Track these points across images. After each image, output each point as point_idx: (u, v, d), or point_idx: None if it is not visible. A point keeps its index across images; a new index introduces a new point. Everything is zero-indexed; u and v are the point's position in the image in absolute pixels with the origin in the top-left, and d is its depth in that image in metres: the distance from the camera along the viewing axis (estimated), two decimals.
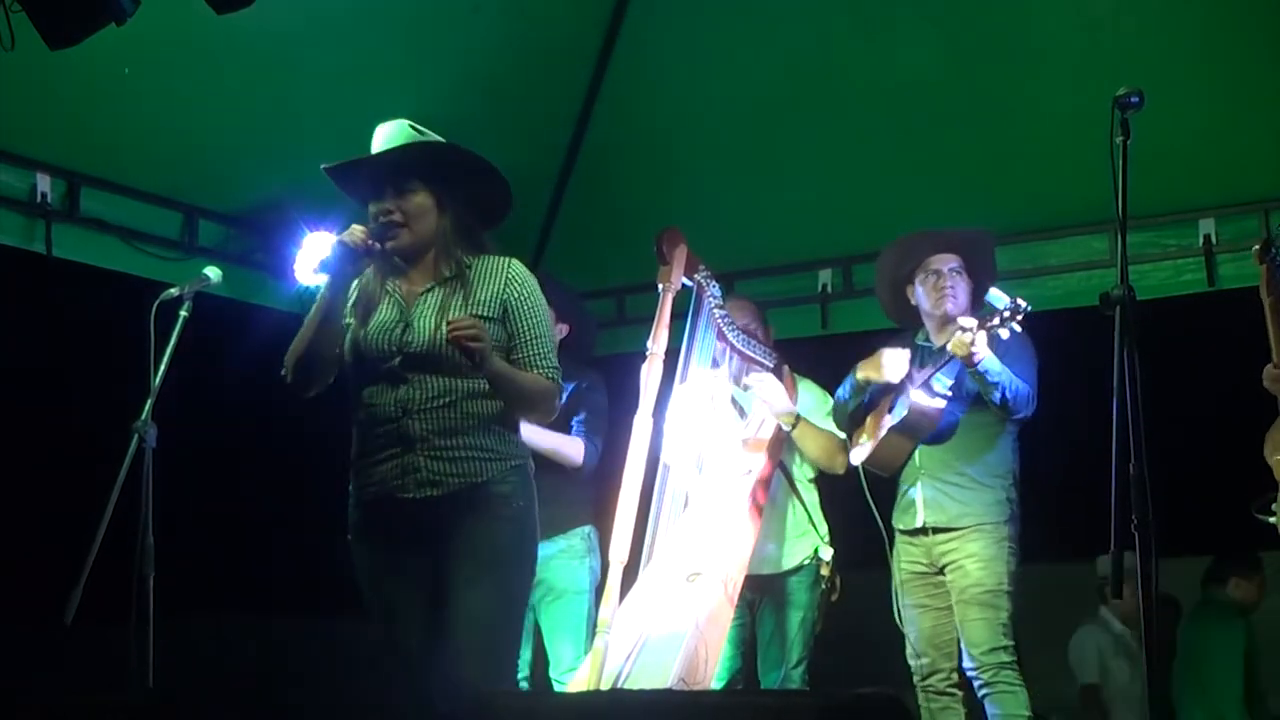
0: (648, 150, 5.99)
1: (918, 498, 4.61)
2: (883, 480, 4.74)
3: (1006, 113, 5.43)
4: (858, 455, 4.73)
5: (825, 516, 4.90)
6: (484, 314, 3.38)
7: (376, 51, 5.22)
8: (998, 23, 5.32)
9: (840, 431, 4.84)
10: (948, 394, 4.50)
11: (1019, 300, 4.28)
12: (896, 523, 4.71)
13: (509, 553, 3.35)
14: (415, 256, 3.46)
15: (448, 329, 3.25)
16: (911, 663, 4.64)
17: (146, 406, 3.90)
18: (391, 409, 3.35)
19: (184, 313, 4.00)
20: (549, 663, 4.84)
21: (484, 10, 5.39)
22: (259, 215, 5.39)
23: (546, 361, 3.45)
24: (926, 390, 4.51)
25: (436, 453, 3.33)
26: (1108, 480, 2.95)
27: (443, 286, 3.43)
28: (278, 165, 5.27)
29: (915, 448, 4.64)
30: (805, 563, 4.81)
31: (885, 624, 4.70)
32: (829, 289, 6.01)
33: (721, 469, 4.75)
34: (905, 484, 4.69)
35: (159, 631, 3.79)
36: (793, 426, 4.74)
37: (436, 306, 3.39)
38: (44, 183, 4.79)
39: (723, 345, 4.74)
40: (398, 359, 3.36)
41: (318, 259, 3.37)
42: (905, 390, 4.56)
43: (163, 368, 3.93)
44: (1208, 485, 5.40)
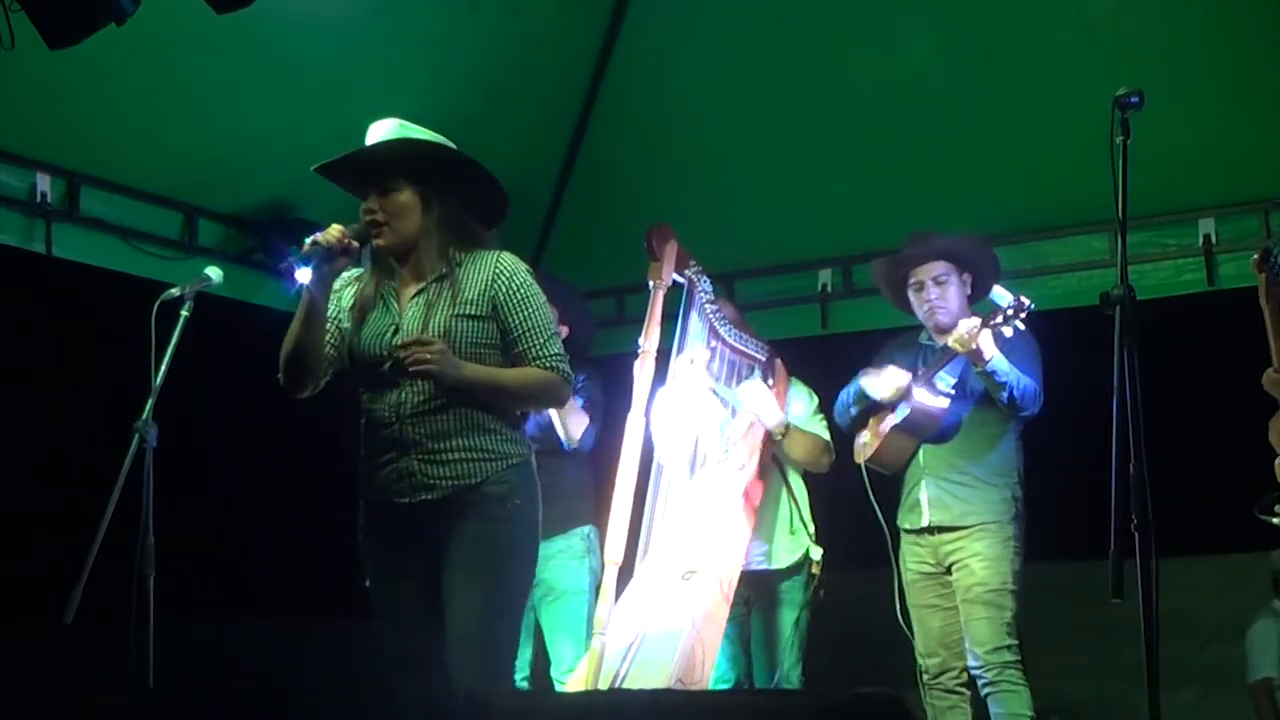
0: (648, 150, 5.99)
1: (923, 497, 4.62)
2: (885, 479, 4.74)
3: (1006, 113, 5.43)
4: (861, 454, 4.74)
5: (820, 515, 4.91)
6: (471, 313, 3.35)
7: (376, 51, 5.22)
8: (998, 23, 5.32)
9: (825, 432, 4.87)
10: (951, 392, 4.51)
11: (1022, 298, 4.29)
12: (902, 522, 4.71)
13: (504, 554, 3.32)
14: (405, 256, 3.42)
15: (399, 354, 3.24)
16: (921, 662, 4.64)
17: (147, 406, 3.89)
18: (386, 413, 3.34)
19: (185, 313, 3.99)
20: (549, 663, 4.84)
21: (483, 10, 5.39)
22: (259, 215, 5.39)
23: (546, 351, 3.40)
24: (930, 389, 4.52)
25: (429, 456, 3.31)
26: (1108, 480, 2.95)
27: (433, 287, 3.39)
28: (278, 165, 5.27)
29: (919, 446, 4.65)
30: (798, 561, 4.82)
31: (885, 624, 4.70)
32: (829, 289, 6.01)
33: (714, 465, 4.75)
34: (909, 483, 4.70)
35: (159, 631, 3.78)
36: (783, 436, 4.76)
37: (425, 309, 3.37)
38: (44, 182, 4.79)
39: (715, 340, 4.74)
40: (388, 363, 3.34)
41: (296, 258, 3.34)
42: (909, 389, 4.58)
43: (163, 368, 3.92)
44: (1208, 485, 5.40)
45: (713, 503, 4.67)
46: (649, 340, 4.42)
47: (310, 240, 3.31)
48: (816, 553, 4.82)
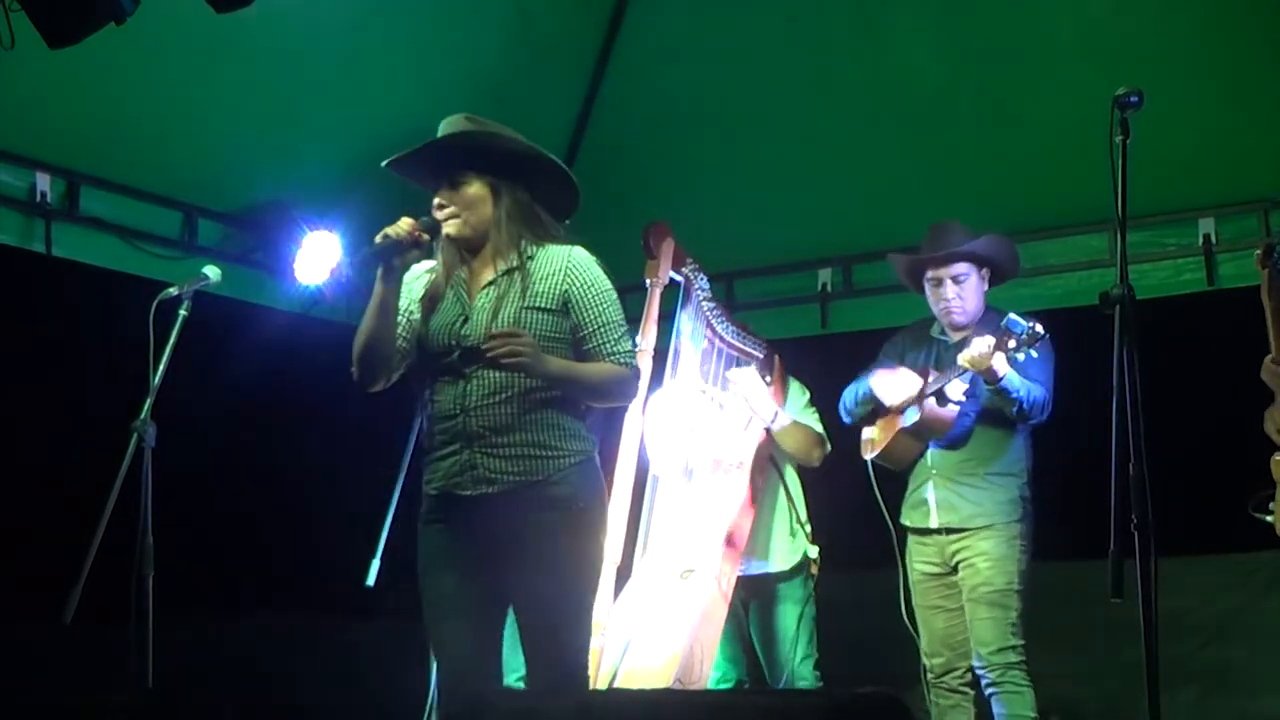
0: (647, 150, 5.99)
1: (930, 499, 4.62)
2: (890, 478, 4.74)
3: (1006, 113, 5.43)
4: (868, 450, 4.74)
5: (824, 513, 4.91)
6: (542, 305, 3.35)
7: (376, 51, 5.22)
8: (998, 23, 5.32)
9: (818, 425, 4.86)
10: (962, 399, 4.51)
11: (1037, 326, 4.28)
12: (906, 520, 4.72)
13: (564, 556, 3.29)
14: (476, 247, 3.43)
15: (484, 346, 3.24)
16: (926, 661, 4.64)
17: (146, 406, 3.89)
18: (452, 405, 3.33)
19: (183, 312, 4.00)
20: None
21: (483, 10, 5.39)
22: (259, 215, 5.38)
23: (619, 348, 3.38)
24: (940, 398, 4.51)
25: (493, 450, 3.29)
26: (1107, 480, 2.95)
27: (504, 279, 3.39)
28: (278, 165, 5.28)
29: (926, 447, 4.65)
30: (798, 563, 4.82)
31: (889, 623, 4.70)
32: (829, 288, 6.01)
33: (712, 465, 4.75)
34: (916, 482, 4.70)
35: (158, 631, 3.78)
36: (772, 420, 4.74)
37: (495, 300, 3.36)
38: (44, 182, 4.79)
39: (712, 337, 4.74)
40: (456, 354, 3.34)
41: (366, 251, 3.32)
42: (919, 396, 4.58)
43: (162, 367, 3.93)
44: (1208, 485, 5.38)
45: (711, 502, 4.66)
46: (646, 339, 4.43)
47: (381, 234, 3.31)
48: (814, 551, 4.82)
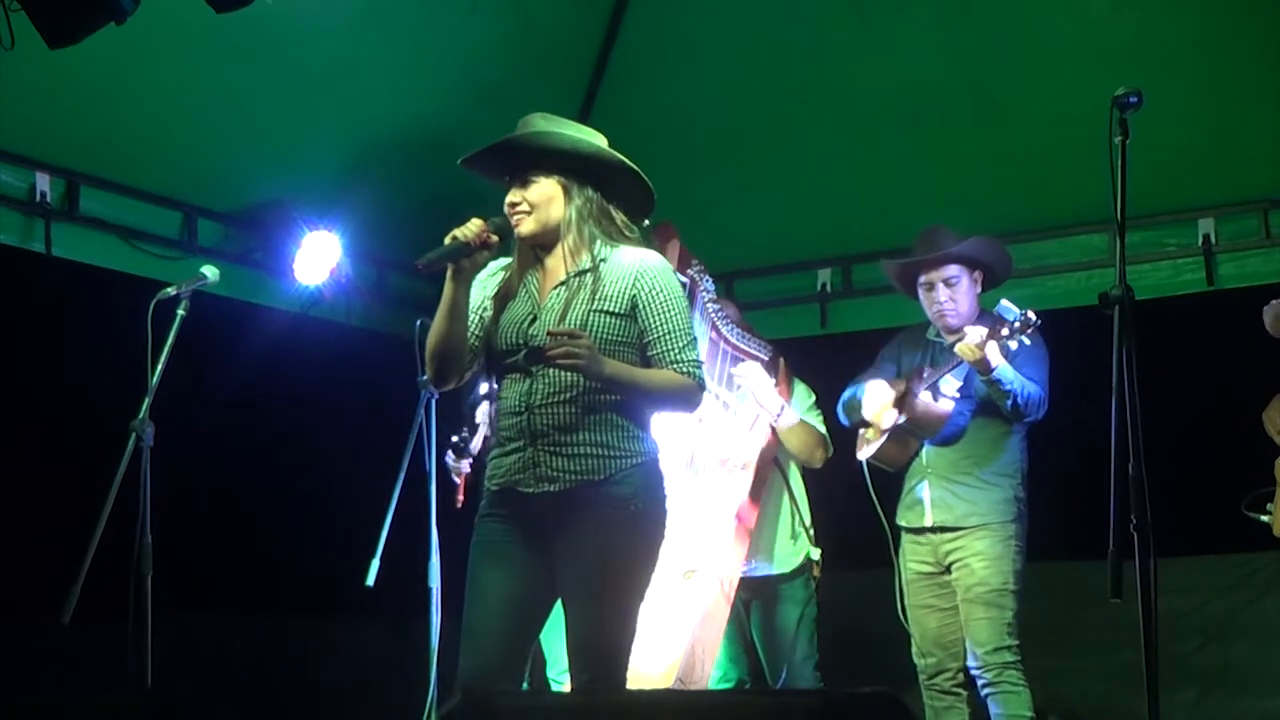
0: (647, 150, 5.95)
1: (925, 497, 4.63)
2: (886, 476, 4.74)
3: (1006, 113, 5.43)
4: (864, 452, 4.74)
5: (820, 513, 4.92)
6: (610, 309, 3.34)
7: (376, 51, 5.21)
8: (998, 23, 5.32)
9: (821, 426, 4.87)
10: (956, 395, 4.51)
11: (1029, 313, 4.29)
12: (901, 519, 4.72)
13: (621, 556, 3.29)
14: (548, 247, 3.43)
15: (545, 345, 3.24)
16: (918, 662, 4.65)
17: (144, 405, 3.89)
18: (517, 402, 3.33)
19: (181, 311, 4.00)
20: (546, 662, 4.84)
21: (482, 10, 5.39)
22: (258, 215, 5.38)
23: (685, 356, 3.37)
24: (934, 392, 4.52)
25: (556, 448, 3.29)
26: (1107, 480, 2.95)
27: (576, 279, 3.39)
28: (278, 165, 5.27)
29: (921, 445, 4.65)
30: (800, 566, 4.82)
31: (887, 622, 4.70)
32: (829, 288, 6.02)
33: (716, 465, 4.75)
34: (911, 481, 4.70)
35: (158, 631, 3.78)
36: (778, 416, 4.74)
37: (564, 300, 3.37)
38: (43, 182, 4.78)
39: (716, 339, 4.74)
40: (523, 352, 3.35)
41: (434, 254, 3.31)
42: (914, 391, 4.58)
43: (160, 366, 3.93)
44: (1207, 485, 5.39)
45: (715, 502, 4.66)
46: None
47: (450, 236, 3.32)
48: (816, 554, 4.83)
